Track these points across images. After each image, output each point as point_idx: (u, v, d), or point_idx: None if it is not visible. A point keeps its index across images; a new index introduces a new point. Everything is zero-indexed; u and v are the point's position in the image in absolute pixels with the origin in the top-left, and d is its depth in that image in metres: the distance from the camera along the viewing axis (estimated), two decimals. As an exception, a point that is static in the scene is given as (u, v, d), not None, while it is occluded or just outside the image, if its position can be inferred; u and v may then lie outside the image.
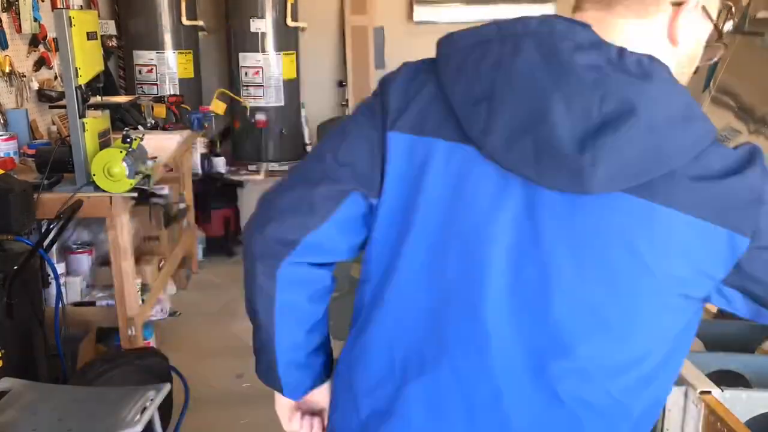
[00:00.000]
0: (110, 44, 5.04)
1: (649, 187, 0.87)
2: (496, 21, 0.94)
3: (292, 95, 5.34)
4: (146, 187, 3.02)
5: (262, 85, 5.17)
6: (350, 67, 5.57)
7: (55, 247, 3.04)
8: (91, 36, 2.94)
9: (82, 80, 2.87)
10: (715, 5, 0.97)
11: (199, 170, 4.87)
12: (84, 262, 3.37)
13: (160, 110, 4.30)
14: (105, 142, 3.07)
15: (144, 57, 5.06)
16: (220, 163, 5.09)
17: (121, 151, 2.87)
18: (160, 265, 3.74)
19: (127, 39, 5.14)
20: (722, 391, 1.26)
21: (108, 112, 3.29)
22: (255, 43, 5.13)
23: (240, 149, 5.36)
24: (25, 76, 3.82)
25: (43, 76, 4.08)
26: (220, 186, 5.02)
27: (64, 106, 3.01)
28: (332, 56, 5.78)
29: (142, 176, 2.98)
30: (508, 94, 0.88)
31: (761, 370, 1.50)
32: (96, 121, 3.02)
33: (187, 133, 4.21)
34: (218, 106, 4.81)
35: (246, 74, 5.17)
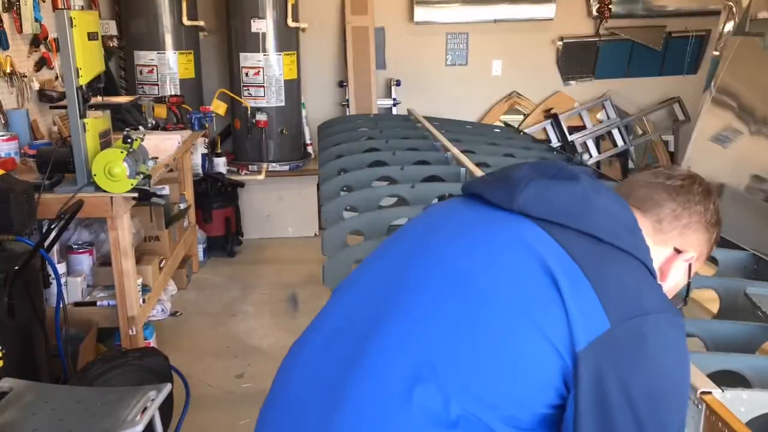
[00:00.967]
0: (111, 44, 5.05)
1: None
2: None
3: (293, 95, 5.34)
4: (147, 187, 3.01)
5: (263, 86, 5.18)
6: (351, 67, 5.58)
7: (56, 247, 3.05)
8: (92, 36, 2.95)
9: (83, 80, 2.88)
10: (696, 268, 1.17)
11: (200, 170, 4.88)
12: (85, 262, 3.37)
13: (161, 110, 4.31)
14: (106, 143, 3.08)
15: (145, 57, 5.07)
16: (221, 163, 5.11)
17: (122, 152, 2.87)
18: (161, 265, 3.75)
19: (128, 39, 5.15)
20: (723, 391, 1.26)
21: (109, 112, 3.31)
22: (255, 44, 5.13)
23: (240, 149, 5.37)
24: (26, 77, 3.82)
25: (44, 77, 4.08)
26: (221, 186, 5.03)
27: (65, 107, 3.01)
28: (333, 56, 5.79)
29: (142, 176, 2.98)
30: None
31: (762, 370, 1.50)
32: (97, 122, 3.03)
33: (187, 133, 4.22)
34: (219, 107, 4.83)
35: (246, 74, 5.17)
